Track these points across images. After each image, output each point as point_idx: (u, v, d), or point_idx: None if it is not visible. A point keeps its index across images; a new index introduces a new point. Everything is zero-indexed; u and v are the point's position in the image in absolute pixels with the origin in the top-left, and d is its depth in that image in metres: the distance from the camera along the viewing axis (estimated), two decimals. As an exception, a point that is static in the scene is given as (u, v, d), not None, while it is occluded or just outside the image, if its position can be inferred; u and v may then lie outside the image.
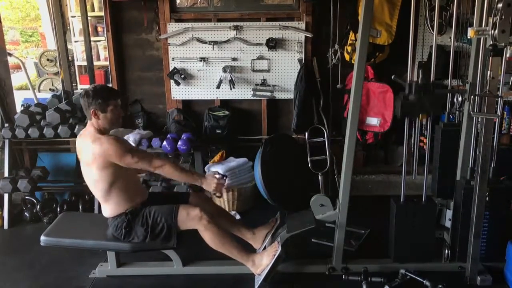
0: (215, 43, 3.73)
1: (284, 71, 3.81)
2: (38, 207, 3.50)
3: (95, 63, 4.56)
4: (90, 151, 2.33)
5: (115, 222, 2.47)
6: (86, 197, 3.62)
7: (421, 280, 2.50)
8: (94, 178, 2.39)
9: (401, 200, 2.59)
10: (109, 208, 2.47)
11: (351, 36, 3.41)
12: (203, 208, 2.48)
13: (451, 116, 2.73)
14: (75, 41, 4.94)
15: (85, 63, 4.45)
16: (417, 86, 2.39)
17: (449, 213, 2.67)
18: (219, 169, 3.40)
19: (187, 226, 2.45)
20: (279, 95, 3.86)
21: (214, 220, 2.48)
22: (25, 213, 3.52)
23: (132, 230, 2.46)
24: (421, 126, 2.77)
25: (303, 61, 3.74)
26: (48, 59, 5.18)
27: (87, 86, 4.35)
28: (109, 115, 2.36)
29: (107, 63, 4.03)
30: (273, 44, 3.69)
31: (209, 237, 2.46)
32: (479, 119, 2.39)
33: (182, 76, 3.78)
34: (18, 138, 3.50)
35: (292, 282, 2.63)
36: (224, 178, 2.60)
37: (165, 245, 2.52)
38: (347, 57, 3.46)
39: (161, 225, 2.43)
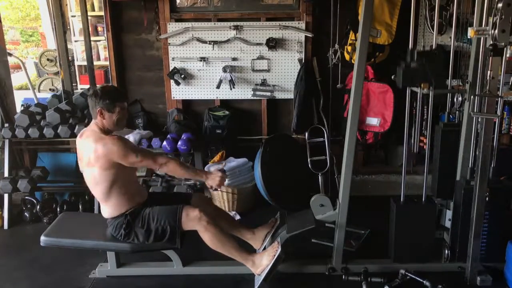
0: (215, 43, 3.73)
1: (284, 71, 3.80)
2: (38, 207, 3.50)
3: (95, 63, 4.56)
4: (92, 150, 2.32)
5: (115, 223, 2.47)
6: (86, 197, 3.62)
7: (421, 280, 2.50)
8: (95, 178, 2.39)
9: (401, 200, 2.59)
10: (108, 209, 2.47)
11: (351, 36, 3.40)
12: (202, 209, 2.48)
13: (451, 116, 2.73)
14: (75, 41, 4.94)
15: (85, 63, 4.45)
16: (418, 53, 2.37)
17: (449, 213, 2.67)
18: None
19: (188, 227, 2.46)
20: (279, 95, 3.86)
21: (213, 221, 2.48)
22: (25, 213, 3.51)
23: (131, 231, 2.46)
24: (421, 126, 2.77)
25: (303, 61, 3.74)
26: (48, 59, 5.18)
27: (87, 86, 4.37)
28: (114, 116, 2.36)
29: (107, 63, 4.03)
30: (273, 44, 3.69)
31: (208, 237, 2.46)
32: (479, 119, 2.39)
33: (182, 76, 3.77)
34: (18, 138, 3.50)
35: (292, 282, 2.63)
36: (226, 173, 2.66)
37: (168, 246, 2.52)
38: (347, 57, 3.46)
39: (165, 227, 2.43)
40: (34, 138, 3.47)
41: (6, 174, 3.55)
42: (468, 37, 2.26)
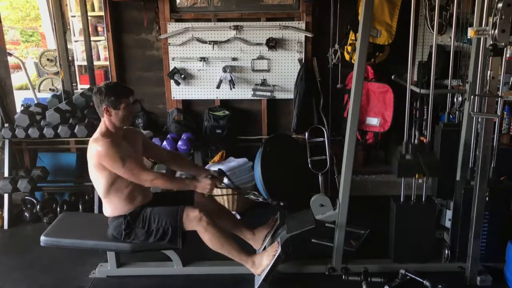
0: (215, 43, 3.73)
1: (284, 71, 3.80)
2: (38, 207, 3.50)
3: (95, 63, 4.56)
4: (89, 149, 2.35)
5: (114, 222, 2.47)
6: (86, 197, 3.62)
7: (421, 280, 2.49)
8: (92, 176, 2.41)
9: (401, 200, 2.59)
10: (108, 208, 2.48)
11: (351, 36, 3.41)
12: (203, 209, 2.48)
13: (451, 116, 2.73)
14: (75, 41, 4.94)
15: (85, 63, 4.45)
16: (413, 146, 2.49)
17: (449, 213, 2.67)
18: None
19: (188, 227, 2.45)
20: (279, 95, 3.86)
21: (213, 221, 2.47)
22: (25, 213, 3.51)
23: (132, 231, 2.45)
24: (421, 126, 2.77)
25: (303, 61, 3.74)
26: (48, 59, 5.18)
27: (87, 86, 4.36)
28: (120, 112, 2.36)
29: (107, 63, 4.03)
30: (273, 44, 3.69)
31: (208, 238, 2.45)
32: (479, 119, 2.39)
33: (182, 76, 3.77)
34: (18, 138, 3.49)
35: (292, 282, 2.63)
36: (223, 174, 2.65)
37: (169, 246, 2.52)
38: (347, 57, 3.46)
39: (166, 228, 2.42)
40: (34, 138, 3.47)
41: (6, 174, 3.55)
42: (468, 37, 2.26)
